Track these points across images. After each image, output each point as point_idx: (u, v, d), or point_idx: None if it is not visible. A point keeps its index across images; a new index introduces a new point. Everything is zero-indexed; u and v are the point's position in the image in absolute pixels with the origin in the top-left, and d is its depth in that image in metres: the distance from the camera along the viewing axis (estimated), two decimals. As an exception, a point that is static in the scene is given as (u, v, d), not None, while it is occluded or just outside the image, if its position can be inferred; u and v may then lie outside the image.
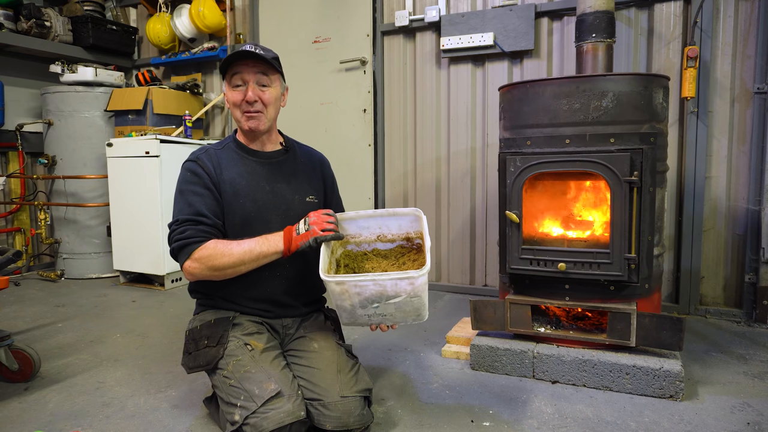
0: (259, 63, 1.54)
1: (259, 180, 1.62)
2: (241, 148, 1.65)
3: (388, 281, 1.31)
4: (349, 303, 1.37)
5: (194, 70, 4.11)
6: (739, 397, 1.75)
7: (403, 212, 1.60)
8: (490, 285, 3.17)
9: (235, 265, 1.45)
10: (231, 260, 1.44)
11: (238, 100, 1.55)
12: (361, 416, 1.44)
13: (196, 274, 1.48)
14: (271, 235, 1.48)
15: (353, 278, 1.32)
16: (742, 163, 2.56)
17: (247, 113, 1.57)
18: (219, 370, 1.48)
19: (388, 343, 2.33)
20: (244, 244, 1.46)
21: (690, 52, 2.46)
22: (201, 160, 1.59)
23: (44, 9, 3.81)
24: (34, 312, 2.90)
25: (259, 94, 1.55)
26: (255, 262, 1.46)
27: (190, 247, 1.46)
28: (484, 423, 1.61)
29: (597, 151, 1.81)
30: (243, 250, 1.45)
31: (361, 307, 1.37)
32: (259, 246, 1.45)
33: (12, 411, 1.73)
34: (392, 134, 3.41)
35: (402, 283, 1.31)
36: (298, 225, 1.47)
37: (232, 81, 1.56)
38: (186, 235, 1.47)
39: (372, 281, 1.31)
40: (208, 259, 1.45)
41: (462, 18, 3.03)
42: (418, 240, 1.62)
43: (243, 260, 1.45)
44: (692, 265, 2.63)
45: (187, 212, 1.51)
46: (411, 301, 1.35)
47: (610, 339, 1.84)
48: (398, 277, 1.30)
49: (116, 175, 3.44)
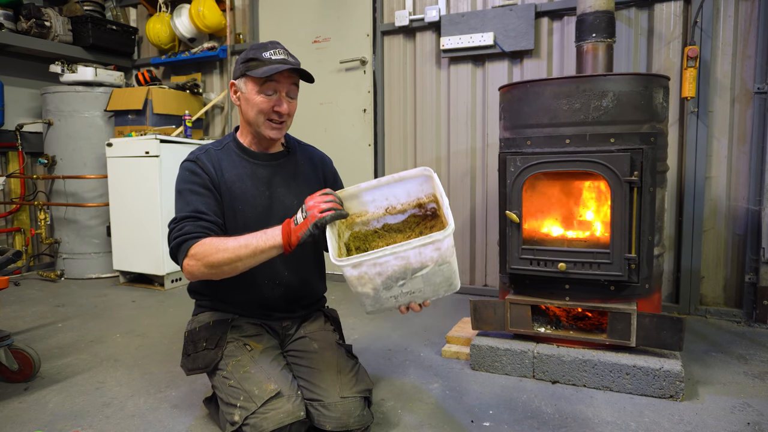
0: (294, 75, 1.51)
1: (259, 184, 1.58)
2: (241, 150, 1.60)
3: (411, 251, 1.16)
4: (371, 287, 1.21)
5: (194, 70, 4.11)
6: (739, 397, 1.75)
7: (410, 174, 1.42)
8: (490, 285, 3.17)
9: (231, 261, 1.33)
10: (226, 256, 1.33)
11: (267, 108, 1.49)
12: (361, 417, 1.44)
13: (194, 273, 1.39)
14: (270, 229, 1.36)
15: (370, 256, 1.16)
16: (742, 163, 2.56)
17: (272, 122, 1.52)
18: (218, 371, 1.48)
19: (388, 343, 2.33)
20: (241, 239, 1.35)
21: (690, 52, 2.46)
22: (200, 160, 1.54)
23: (44, 9, 3.81)
24: (34, 312, 2.90)
25: (288, 105, 1.53)
26: (252, 258, 1.33)
27: (188, 244, 1.38)
28: (484, 423, 1.60)
29: (597, 151, 1.81)
30: (239, 245, 1.33)
31: (385, 289, 1.22)
32: (257, 240, 1.33)
33: (12, 411, 1.73)
34: (392, 134, 3.41)
35: (427, 251, 1.16)
36: (296, 215, 1.34)
37: (264, 87, 1.48)
38: (184, 232, 1.41)
39: (392, 255, 1.16)
40: (204, 256, 1.35)
41: (462, 18, 3.03)
42: (431, 204, 1.46)
43: (239, 256, 1.33)
44: (692, 265, 2.63)
45: (185, 210, 1.46)
46: (440, 269, 1.20)
47: (610, 339, 1.83)
48: (421, 243, 1.15)
49: (116, 175, 3.44)
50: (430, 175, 1.39)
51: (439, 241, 1.15)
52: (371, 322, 2.64)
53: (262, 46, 1.50)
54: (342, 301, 2.85)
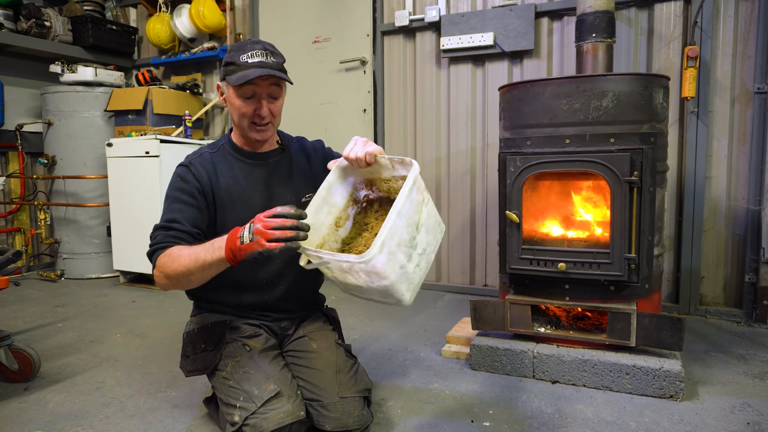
0: (273, 76, 1.46)
1: (256, 184, 1.57)
2: (236, 150, 1.58)
3: (404, 202, 1.15)
4: (399, 264, 1.17)
5: (194, 70, 4.11)
6: (739, 397, 1.75)
7: (329, 180, 1.42)
8: (490, 285, 3.17)
9: (183, 274, 1.28)
10: (179, 268, 1.29)
11: (248, 112, 1.47)
12: (360, 417, 1.44)
13: (161, 284, 1.36)
14: (218, 239, 1.26)
15: (386, 226, 1.13)
16: (742, 163, 2.56)
17: (255, 125, 1.50)
18: (218, 371, 1.48)
19: (387, 343, 2.33)
20: (195, 249, 1.29)
21: (690, 52, 2.46)
22: (194, 166, 1.51)
23: (44, 9, 3.81)
24: (34, 312, 2.90)
25: (270, 107, 1.49)
26: (202, 271, 1.27)
27: (156, 254, 1.36)
28: (484, 423, 1.60)
29: (597, 151, 1.81)
30: (189, 258, 1.28)
31: (408, 260, 1.19)
32: (204, 253, 1.26)
33: (12, 411, 1.73)
34: (392, 134, 3.41)
35: (414, 195, 1.18)
36: (243, 230, 1.20)
37: (241, 90, 1.44)
38: (156, 241, 1.39)
39: (396, 215, 1.14)
40: (164, 267, 1.32)
41: (462, 18, 3.03)
42: (363, 191, 1.47)
43: (189, 269, 1.27)
44: (692, 265, 2.63)
45: (162, 219, 1.45)
46: (430, 210, 1.24)
47: (610, 339, 1.83)
48: (407, 189, 1.17)
49: (116, 175, 3.44)
50: (339, 165, 1.40)
51: (417, 174, 1.19)
52: (371, 322, 2.64)
53: (240, 48, 1.45)
54: (342, 301, 2.84)
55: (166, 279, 1.33)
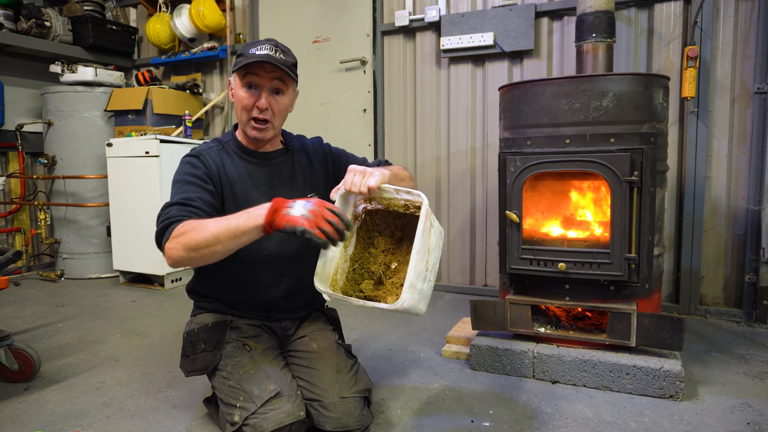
0: (277, 69, 1.45)
1: (259, 185, 1.56)
2: (240, 149, 1.58)
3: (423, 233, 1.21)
4: (418, 290, 1.24)
5: (194, 70, 4.11)
6: (739, 397, 1.75)
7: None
8: (490, 285, 3.17)
9: (209, 243, 1.22)
10: (204, 236, 1.22)
11: (249, 104, 1.47)
12: (360, 417, 1.44)
13: (174, 258, 1.27)
14: (256, 207, 1.24)
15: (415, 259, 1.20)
16: (742, 163, 2.56)
17: (254, 120, 1.48)
18: (218, 371, 1.48)
19: (388, 343, 2.33)
20: (223, 218, 1.25)
21: (690, 52, 2.46)
22: (203, 156, 1.51)
23: (44, 9, 3.81)
24: (34, 312, 2.90)
25: (271, 102, 1.48)
26: (231, 239, 1.22)
27: (172, 227, 1.29)
28: (484, 423, 1.60)
29: (597, 151, 1.81)
30: (217, 225, 1.23)
31: (422, 280, 1.25)
32: (236, 219, 1.22)
33: (12, 411, 1.73)
34: (392, 134, 3.41)
35: (425, 220, 1.23)
36: (295, 202, 1.21)
37: (244, 80, 1.46)
38: (169, 215, 1.33)
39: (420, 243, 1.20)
40: (183, 237, 1.25)
41: (462, 18, 3.03)
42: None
43: (217, 237, 1.22)
44: (692, 265, 2.63)
45: (175, 198, 1.39)
46: (435, 225, 1.28)
47: (610, 339, 1.83)
48: (424, 217, 1.21)
49: (116, 175, 3.44)
50: (341, 194, 1.35)
51: (427, 209, 1.23)
52: (371, 322, 2.64)
53: (253, 43, 1.47)
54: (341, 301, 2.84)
55: (184, 250, 1.24)
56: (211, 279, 1.60)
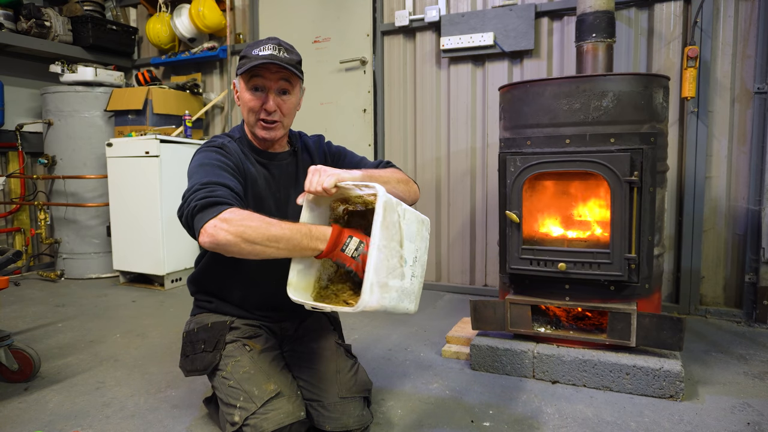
0: (282, 69, 1.42)
1: (269, 184, 1.54)
2: (251, 148, 1.54)
3: (385, 215, 1.17)
4: (396, 284, 1.22)
5: (194, 70, 4.11)
6: (739, 397, 1.75)
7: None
8: (490, 285, 3.17)
9: (268, 242, 1.19)
10: (265, 234, 1.19)
11: (256, 106, 1.44)
12: (360, 417, 1.44)
13: (220, 240, 1.17)
14: (316, 228, 1.26)
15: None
16: (742, 163, 2.56)
17: (263, 122, 1.46)
18: (218, 371, 1.47)
19: (388, 343, 2.33)
20: (285, 225, 1.23)
21: (690, 52, 2.46)
22: (227, 147, 1.44)
23: (44, 9, 3.81)
24: (34, 312, 2.90)
25: (279, 103, 1.45)
26: (289, 250, 1.23)
27: (221, 207, 1.20)
28: (484, 423, 1.60)
29: (597, 151, 1.81)
30: (282, 228, 1.21)
31: (397, 277, 1.22)
32: (300, 235, 1.23)
33: (12, 411, 1.73)
34: (392, 134, 3.41)
35: (394, 203, 1.21)
36: (351, 240, 1.26)
37: (250, 83, 1.43)
38: (217, 194, 1.24)
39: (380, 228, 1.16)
40: (239, 223, 1.18)
41: (462, 18, 3.03)
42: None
43: (279, 240, 1.20)
44: (692, 265, 2.63)
45: (216, 179, 1.30)
46: (411, 212, 1.25)
47: (610, 339, 1.83)
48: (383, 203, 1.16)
49: (116, 175, 3.44)
50: (306, 198, 1.34)
51: (384, 201, 1.17)
52: (371, 322, 2.64)
53: (255, 44, 1.45)
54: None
55: (233, 236, 1.17)
56: (215, 274, 1.59)
